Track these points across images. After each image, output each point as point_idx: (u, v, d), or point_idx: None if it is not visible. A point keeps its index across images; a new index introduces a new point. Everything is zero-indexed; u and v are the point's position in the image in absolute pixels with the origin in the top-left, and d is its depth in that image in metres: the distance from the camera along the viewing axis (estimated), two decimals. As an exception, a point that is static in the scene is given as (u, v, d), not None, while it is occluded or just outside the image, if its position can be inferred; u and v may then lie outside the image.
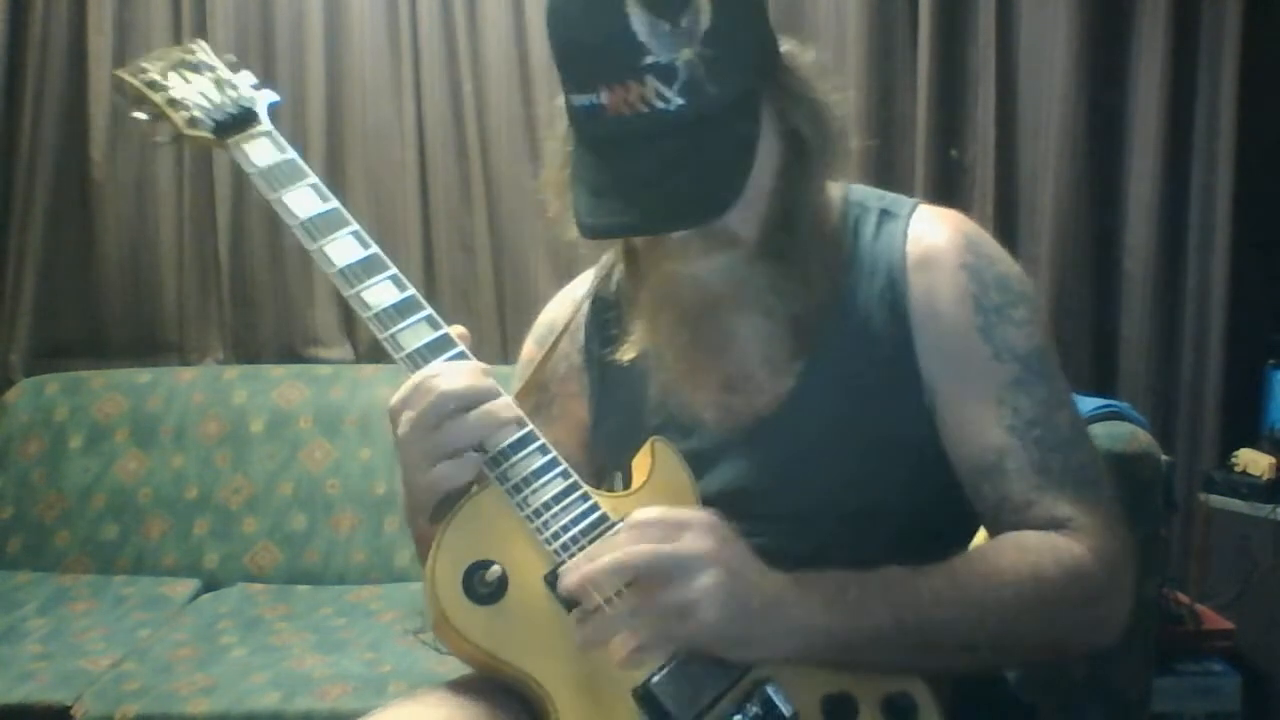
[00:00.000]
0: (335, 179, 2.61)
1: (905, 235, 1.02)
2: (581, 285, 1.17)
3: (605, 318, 1.12)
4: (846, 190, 1.07)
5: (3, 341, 2.67)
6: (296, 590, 2.30)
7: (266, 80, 1.17)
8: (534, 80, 2.56)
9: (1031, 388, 0.98)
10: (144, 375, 2.55)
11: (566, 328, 1.13)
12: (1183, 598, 2.12)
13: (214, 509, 2.41)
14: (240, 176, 2.60)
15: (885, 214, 1.05)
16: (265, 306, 2.66)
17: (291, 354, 2.65)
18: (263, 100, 1.09)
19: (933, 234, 1.02)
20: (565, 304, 1.17)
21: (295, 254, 2.62)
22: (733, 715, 0.85)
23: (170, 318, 2.68)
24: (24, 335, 2.66)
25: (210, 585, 2.33)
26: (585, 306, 1.15)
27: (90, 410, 2.48)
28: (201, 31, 2.57)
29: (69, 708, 1.81)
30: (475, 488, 0.92)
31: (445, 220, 2.62)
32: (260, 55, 2.59)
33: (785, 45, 0.99)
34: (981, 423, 0.97)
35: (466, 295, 2.62)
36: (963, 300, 0.99)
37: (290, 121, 2.60)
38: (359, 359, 2.65)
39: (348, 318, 2.66)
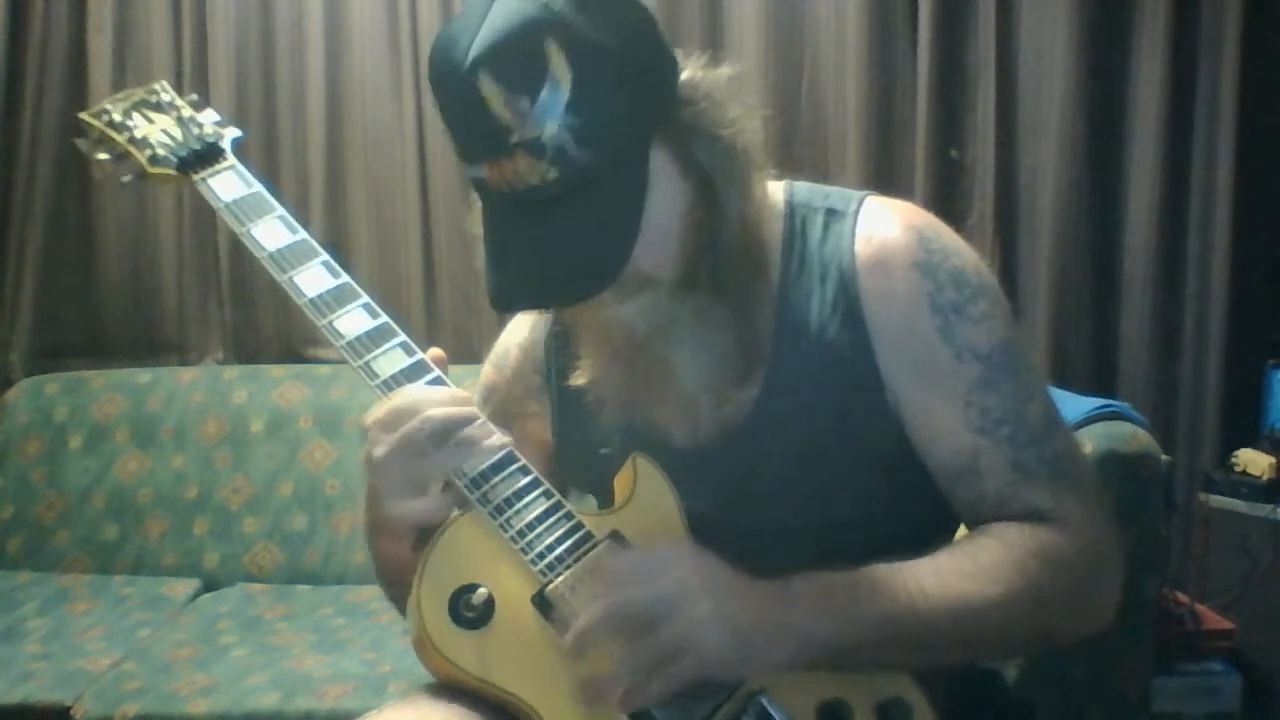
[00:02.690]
0: (335, 179, 2.62)
1: (853, 235, 1.00)
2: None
3: (562, 339, 1.10)
4: (790, 191, 1.05)
5: (3, 341, 2.67)
6: (296, 590, 2.30)
7: (267, 81, 1.18)
8: (534, 80, 2.56)
9: (998, 385, 0.96)
10: (144, 375, 2.55)
11: (525, 349, 1.13)
12: (1183, 598, 2.12)
13: (214, 509, 2.41)
14: (240, 176, 2.60)
15: (831, 213, 1.02)
16: (265, 306, 2.66)
17: (291, 354, 2.65)
18: (227, 136, 1.11)
19: (882, 232, 0.99)
20: (522, 326, 1.16)
21: (295, 254, 2.62)
22: None
23: (170, 318, 2.68)
24: (24, 335, 2.66)
25: (210, 585, 2.33)
26: (542, 328, 1.13)
27: (90, 410, 2.48)
28: (201, 31, 2.58)
29: (69, 708, 1.81)
30: (457, 511, 0.92)
31: (445, 220, 2.62)
32: (260, 55, 2.59)
33: (688, 71, 0.95)
34: (950, 426, 0.96)
35: (466, 295, 2.62)
36: (918, 301, 0.97)
37: (290, 122, 2.60)
38: (359, 359, 2.64)
39: (348, 318, 2.66)
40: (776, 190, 1.04)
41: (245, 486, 2.42)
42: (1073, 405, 1.67)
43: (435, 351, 0.98)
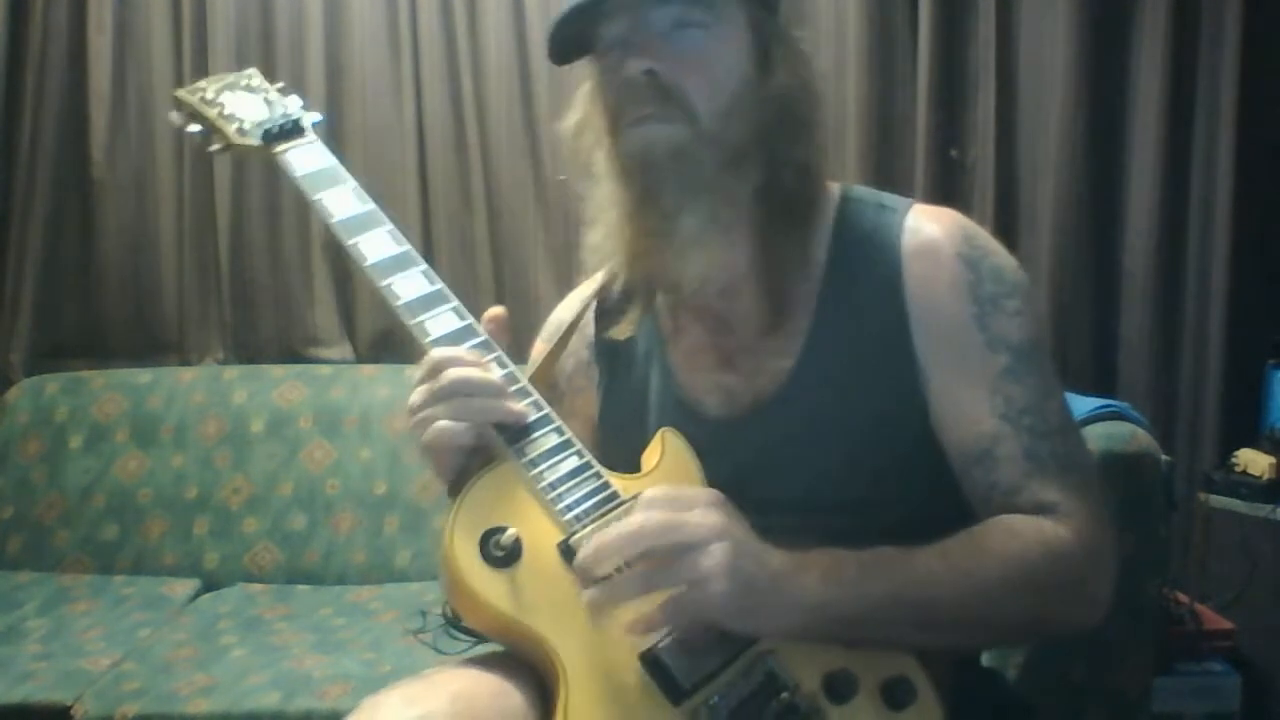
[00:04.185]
0: (335, 179, 2.61)
1: (902, 226, 1.05)
2: (590, 285, 1.20)
3: (611, 314, 1.15)
4: (845, 188, 1.11)
5: (3, 341, 2.67)
6: (296, 590, 2.30)
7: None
8: (534, 80, 2.56)
9: (1023, 377, 1.01)
10: (144, 375, 2.55)
11: (575, 324, 1.17)
12: (1183, 598, 2.11)
13: (214, 509, 2.41)
14: (240, 177, 2.60)
15: (882, 208, 1.08)
16: (265, 306, 2.66)
17: (291, 354, 2.65)
18: (309, 118, 1.21)
19: (929, 226, 1.05)
20: (574, 303, 1.21)
21: (295, 254, 2.62)
22: (736, 683, 0.88)
23: (170, 318, 2.68)
24: (24, 335, 2.66)
25: (210, 585, 2.33)
26: (593, 304, 1.18)
27: (90, 410, 2.48)
28: (201, 31, 2.58)
29: (69, 708, 1.81)
30: (494, 461, 0.97)
31: (445, 220, 2.62)
32: (260, 55, 2.59)
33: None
34: (974, 410, 1.00)
35: (466, 295, 2.57)
36: (958, 289, 1.02)
37: (290, 121, 2.60)
38: (359, 359, 2.65)
39: (348, 318, 2.67)
40: (834, 185, 1.11)
41: (245, 486, 2.42)
42: (1073, 405, 1.66)
43: (495, 311, 1.06)
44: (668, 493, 0.90)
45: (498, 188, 2.60)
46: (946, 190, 2.48)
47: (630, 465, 1.05)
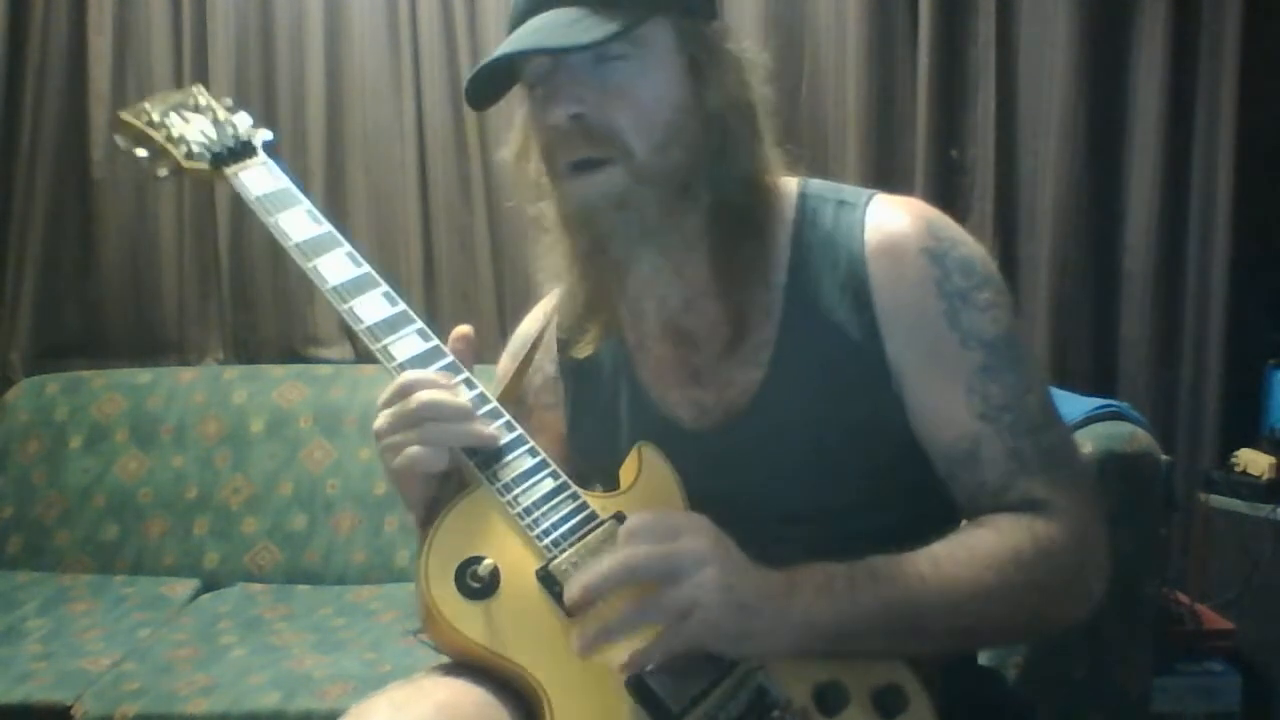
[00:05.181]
0: (335, 179, 2.62)
1: (863, 224, 1.02)
2: (552, 299, 1.17)
3: (574, 329, 1.11)
4: (803, 184, 1.07)
5: (3, 341, 2.67)
6: (296, 590, 2.30)
7: (267, 81, 1.22)
8: (534, 80, 2.56)
9: (1000, 373, 0.98)
10: (144, 375, 2.55)
11: (539, 339, 1.15)
12: (1183, 598, 2.11)
13: (214, 509, 2.41)
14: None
15: (842, 204, 1.04)
16: (265, 306, 2.66)
17: (291, 354, 2.66)
18: (259, 137, 1.17)
19: (892, 221, 1.01)
20: (537, 317, 1.18)
21: (295, 254, 2.62)
22: (725, 703, 0.86)
23: (170, 318, 2.68)
24: (24, 335, 2.66)
25: (210, 585, 2.33)
26: (555, 319, 1.15)
27: (90, 410, 2.49)
28: (201, 31, 2.58)
29: (69, 708, 1.81)
30: (468, 488, 0.94)
31: (445, 220, 2.62)
32: (260, 55, 2.60)
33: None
34: (953, 411, 0.98)
35: (466, 295, 2.62)
36: (926, 286, 0.99)
37: (290, 122, 2.60)
38: (359, 359, 2.64)
39: (347, 318, 2.66)
40: (790, 182, 1.07)
41: (245, 486, 2.42)
42: (1073, 405, 1.66)
43: (461, 330, 1.02)
44: (652, 521, 0.88)
45: (498, 188, 2.60)
46: (946, 190, 2.48)
47: (604, 480, 1.03)
